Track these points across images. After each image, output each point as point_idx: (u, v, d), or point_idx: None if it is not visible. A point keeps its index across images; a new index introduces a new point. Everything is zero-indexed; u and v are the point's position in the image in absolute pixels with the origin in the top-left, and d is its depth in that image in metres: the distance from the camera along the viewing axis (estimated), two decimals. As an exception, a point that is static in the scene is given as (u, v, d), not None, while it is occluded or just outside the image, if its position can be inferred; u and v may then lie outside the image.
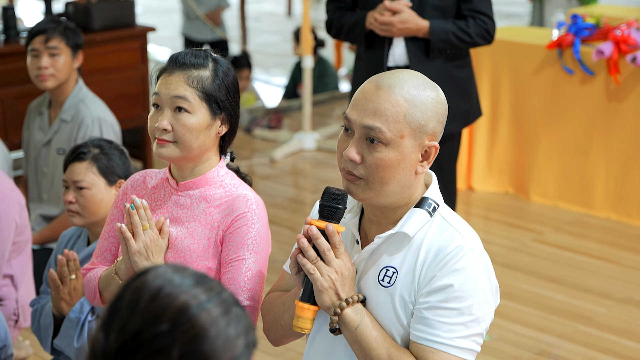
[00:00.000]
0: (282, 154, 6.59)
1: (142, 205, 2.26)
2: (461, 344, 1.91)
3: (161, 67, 2.31)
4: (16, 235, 3.65)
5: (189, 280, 1.31)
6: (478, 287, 1.92)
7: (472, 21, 3.81)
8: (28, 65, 4.07)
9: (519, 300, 4.45)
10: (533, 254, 4.99)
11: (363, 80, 2.09)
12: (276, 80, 9.98)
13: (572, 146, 5.41)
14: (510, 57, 5.56)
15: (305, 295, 2.00)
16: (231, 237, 2.26)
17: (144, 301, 1.27)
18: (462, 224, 2.00)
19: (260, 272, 2.27)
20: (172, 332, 1.25)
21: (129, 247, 2.24)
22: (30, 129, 4.31)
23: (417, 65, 3.81)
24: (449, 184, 4.03)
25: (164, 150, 2.25)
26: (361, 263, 2.02)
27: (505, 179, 5.70)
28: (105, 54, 5.47)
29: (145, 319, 1.26)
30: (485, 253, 1.98)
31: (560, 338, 4.10)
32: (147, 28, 5.75)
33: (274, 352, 3.88)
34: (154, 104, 2.28)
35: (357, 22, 3.89)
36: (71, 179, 2.94)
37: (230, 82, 2.29)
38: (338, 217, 1.99)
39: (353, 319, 1.95)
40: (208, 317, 1.28)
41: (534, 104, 5.50)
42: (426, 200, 1.99)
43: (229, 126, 2.32)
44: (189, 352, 1.26)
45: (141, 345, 1.25)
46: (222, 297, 1.32)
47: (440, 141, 3.84)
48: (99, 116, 4.07)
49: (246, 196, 2.29)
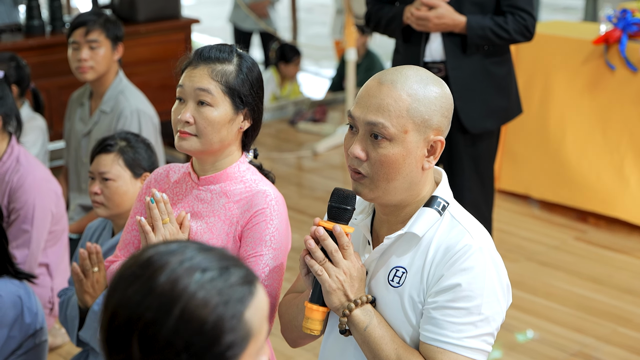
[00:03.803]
0: (325, 146, 6.59)
1: (162, 199, 2.27)
2: (470, 343, 1.88)
3: (186, 61, 2.32)
4: (52, 224, 3.70)
5: (207, 269, 1.31)
6: (487, 286, 1.90)
7: (511, 17, 3.77)
8: (69, 57, 4.12)
9: (557, 299, 4.39)
10: (574, 252, 4.92)
11: None
12: (326, 72, 9.97)
13: (611, 144, 5.30)
14: (556, 53, 5.47)
15: (314, 297, 1.99)
16: (249, 232, 2.26)
17: (156, 291, 1.27)
18: (472, 223, 1.97)
19: (278, 269, 2.26)
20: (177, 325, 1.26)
21: (148, 241, 2.26)
22: (71, 120, 4.37)
23: (454, 61, 3.78)
24: (485, 182, 3.98)
25: (185, 143, 2.26)
26: (372, 264, 2.01)
27: (544, 177, 5.61)
28: (149, 45, 5.51)
29: (153, 309, 1.26)
30: (495, 252, 1.95)
31: (597, 339, 4.03)
32: (192, 20, 5.78)
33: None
34: (177, 97, 2.29)
35: (395, 16, 3.87)
36: (97, 170, 2.98)
37: (254, 78, 2.29)
38: (346, 218, 1.98)
39: (362, 319, 1.94)
40: (214, 312, 1.28)
41: (574, 100, 5.41)
42: (435, 199, 1.97)
43: (252, 121, 2.32)
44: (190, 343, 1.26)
45: (131, 330, 1.26)
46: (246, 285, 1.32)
47: (477, 139, 3.90)
48: (138, 108, 4.11)
49: (266, 192, 2.29)
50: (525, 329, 4.14)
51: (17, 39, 5.29)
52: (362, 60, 7.62)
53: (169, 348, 1.26)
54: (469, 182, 3.91)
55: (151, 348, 1.26)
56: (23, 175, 3.50)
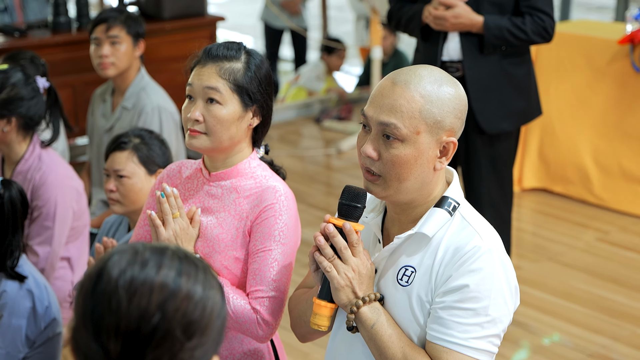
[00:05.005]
0: (349, 145, 6.59)
1: (173, 193, 2.30)
2: (476, 344, 1.89)
3: (195, 59, 2.34)
4: (74, 220, 3.74)
5: (149, 259, 1.32)
6: (495, 287, 1.89)
7: (529, 18, 3.75)
8: (91, 53, 4.16)
9: (576, 300, 4.37)
10: (596, 253, 4.89)
11: None
12: (355, 70, 9.97)
13: (636, 145, 5.26)
14: (580, 52, 5.43)
15: (322, 293, 2.00)
16: (258, 227, 2.28)
17: (124, 301, 1.28)
18: (482, 224, 1.97)
19: (287, 264, 2.28)
20: (165, 317, 1.27)
21: (159, 235, 2.29)
22: (94, 116, 4.41)
23: (471, 61, 3.77)
24: (504, 183, 3.97)
25: (195, 141, 2.28)
26: (381, 262, 2.02)
27: (567, 177, 5.57)
28: (174, 42, 5.56)
29: (135, 317, 1.27)
30: (504, 254, 1.95)
31: (615, 340, 4.01)
32: (217, 17, 5.82)
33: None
34: (187, 95, 2.31)
35: (415, 14, 3.88)
36: (112, 167, 3.01)
37: (262, 75, 2.31)
38: (357, 216, 1.99)
39: (369, 317, 1.95)
40: (186, 286, 1.30)
41: (599, 101, 5.37)
42: (446, 199, 1.97)
43: (261, 118, 2.34)
44: (187, 325, 1.28)
45: (144, 342, 1.27)
46: (183, 259, 1.33)
47: (495, 140, 3.89)
48: (159, 105, 4.14)
49: (275, 188, 2.30)
50: (543, 329, 4.12)
51: (44, 35, 5.35)
52: (390, 60, 7.61)
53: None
54: (487, 183, 3.90)
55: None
56: (45, 173, 3.53)
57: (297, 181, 5.79)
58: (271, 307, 2.24)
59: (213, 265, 2.31)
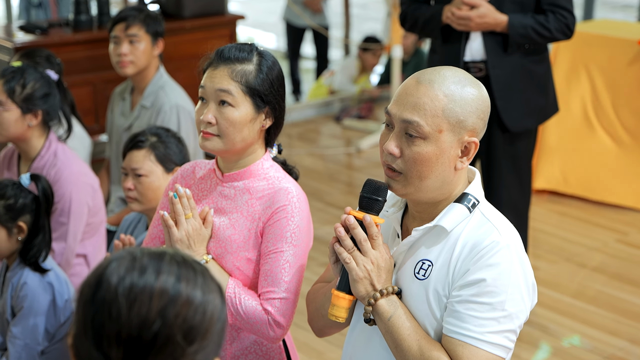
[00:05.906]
0: (368, 143, 6.59)
1: (185, 194, 2.31)
2: (492, 339, 1.90)
3: (207, 61, 2.35)
4: (89, 217, 3.77)
5: (147, 265, 1.32)
6: (512, 283, 1.91)
7: (552, 16, 3.76)
8: (110, 52, 4.19)
9: (593, 301, 4.35)
10: (614, 254, 4.87)
11: None
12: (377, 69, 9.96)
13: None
14: (600, 52, 5.40)
15: (341, 284, 2.03)
16: (271, 229, 2.29)
17: (124, 309, 1.28)
18: (502, 221, 1.99)
19: (299, 266, 2.29)
20: (166, 323, 1.28)
21: (171, 235, 2.30)
22: (113, 114, 4.44)
23: (495, 60, 3.78)
24: (523, 181, 3.98)
25: (208, 143, 2.30)
26: (400, 256, 2.04)
27: (585, 177, 5.55)
28: (194, 41, 5.58)
29: (136, 325, 1.28)
30: (523, 251, 1.96)
31: (631, 342, 4.00)
32: (237, 16, 5.84)
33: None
34: (200, 97, 2.32)
35: (433, 15, 3.87)
36: (130, 166, 3.03)
37: (274, 76, 2.32)
38: (377, 209, 2.01)
39: (386, 309, 1.97)
40: (185, 291, 1.31)
41: (618, 101, 5.34)
42: (466, 195, 2.00)
43: (274, 119, 2.35)
44: (188, 330, 1.29)
45: (146, 348, 1.28)
46: (182, 264, 1.34)
47: (516, 138, 3.89)
48: (177, 103, 4.16)
49: (288, 189, 2.32)
50: (560, 331, 4.11)
51: (66, 33, 5.39)
52: (411, 59, 7.59)
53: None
54: (506, 181, 3.91)
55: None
56: (60, 169, 3.56)
57: (316, 180, 5.79)
58: (282, 309, 2.25)
59: (225, 266, 2.33)
